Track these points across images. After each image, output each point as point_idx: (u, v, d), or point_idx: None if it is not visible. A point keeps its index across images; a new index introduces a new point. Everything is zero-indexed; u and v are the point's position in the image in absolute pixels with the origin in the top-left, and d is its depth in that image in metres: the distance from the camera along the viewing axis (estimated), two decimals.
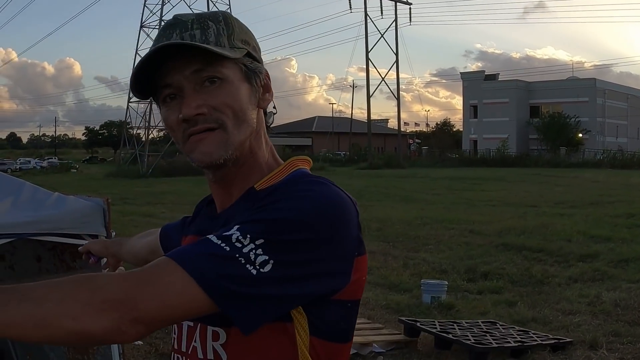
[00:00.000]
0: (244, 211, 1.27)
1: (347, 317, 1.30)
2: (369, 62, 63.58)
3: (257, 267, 1.12)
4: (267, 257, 1.13)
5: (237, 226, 1.16)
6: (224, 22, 1.33)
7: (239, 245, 1.13)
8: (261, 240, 1.13)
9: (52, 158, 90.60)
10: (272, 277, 1.13)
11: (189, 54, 1.27)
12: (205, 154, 1.30)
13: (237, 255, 1.12)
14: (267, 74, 1.40)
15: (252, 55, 1.37)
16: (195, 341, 1.32)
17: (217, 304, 1.12)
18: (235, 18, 1.38)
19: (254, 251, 1.12)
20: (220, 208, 1.42)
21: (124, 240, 2.10)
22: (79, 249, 2.19)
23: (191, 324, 1.33)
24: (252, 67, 1.35)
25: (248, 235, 1.14)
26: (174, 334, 1.40)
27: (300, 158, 1.42)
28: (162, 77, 1.31)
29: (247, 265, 1.11)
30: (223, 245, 1.13)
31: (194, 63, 1.28)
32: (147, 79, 1.32)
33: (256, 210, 1.21)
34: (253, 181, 1.37)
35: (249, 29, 1.40)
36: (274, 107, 1.45)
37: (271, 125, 1.45)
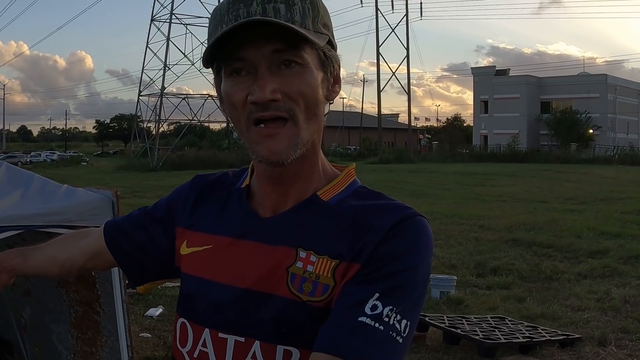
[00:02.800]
0: (317, 229, 1.25)
1: None
2: (380, 56, 63.62)
3: (402, 333, 1.15)
4: (406, 321, 1.16)
5: (377, 294, 1.15)
6: (310, 1, 1.20)
7: (386, 319, 1.14)
8: (400, 307, 1.16)
9: (72, 152, 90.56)
10: (409, 333, 1.17)
11: (271, 30, 1.15)
12: (273, 152, 1.19)
13: (390, 332, 1.14)
14: (339, 62, 1.29)
15: (331, 42, 1.26)
16: (251, 358, 1.23)
17: None
18: None
19: (397, 320, 1.15)
20: (272, 210, 1.30)
21: (30, 250, 1.70)
22: None
23: (241, 339, 1.24)
24: (329, 55, 1.25)
25: (393, 307, 1.15)
26: (202, 346, 1.29)
27: (353, 166, 1.38)
28: (234, 48, 1.18)
29: (397, 337, 1.15)
30: (377, 325, 1.13)
31: (276, 42, 1.16)
32: (217, 46, 1.18)
33: (379, 264, 1.18)
34: (313, 184, 1.30)
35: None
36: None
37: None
